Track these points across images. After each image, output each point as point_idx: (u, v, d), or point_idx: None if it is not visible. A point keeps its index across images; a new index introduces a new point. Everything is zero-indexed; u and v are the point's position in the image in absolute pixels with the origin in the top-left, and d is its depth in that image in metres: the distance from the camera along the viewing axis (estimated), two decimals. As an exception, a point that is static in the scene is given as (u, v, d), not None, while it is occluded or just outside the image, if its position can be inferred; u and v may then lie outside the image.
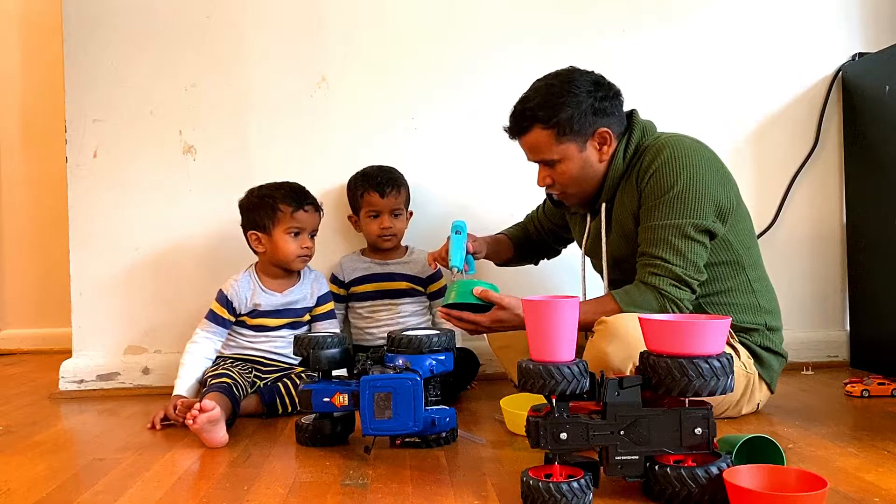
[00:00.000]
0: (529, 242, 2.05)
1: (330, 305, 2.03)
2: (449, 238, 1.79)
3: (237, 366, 1.87)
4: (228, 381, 1.74)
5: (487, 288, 1.61)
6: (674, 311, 1.54)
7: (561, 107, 1.61)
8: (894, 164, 2.08)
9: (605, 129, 1.64)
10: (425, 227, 2.21)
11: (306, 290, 1.98)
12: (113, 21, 2.18)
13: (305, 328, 2.01)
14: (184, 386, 1.83)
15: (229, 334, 1.94)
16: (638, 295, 1.56)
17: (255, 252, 1.96)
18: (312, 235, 1.96)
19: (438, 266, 2.09)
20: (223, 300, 1.91)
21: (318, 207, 1.97)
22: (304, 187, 1.96)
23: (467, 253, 1.78)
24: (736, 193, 1.66)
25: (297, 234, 1.91)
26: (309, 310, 1.99)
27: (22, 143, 3.07)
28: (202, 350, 1.89)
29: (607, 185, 1.69)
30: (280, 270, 1.96)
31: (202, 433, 1.51)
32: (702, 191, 1.57)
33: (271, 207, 1.90)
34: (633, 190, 1.65)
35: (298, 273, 2.00)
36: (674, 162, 1.58)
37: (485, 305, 1.61)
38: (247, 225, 1.95)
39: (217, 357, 1.92)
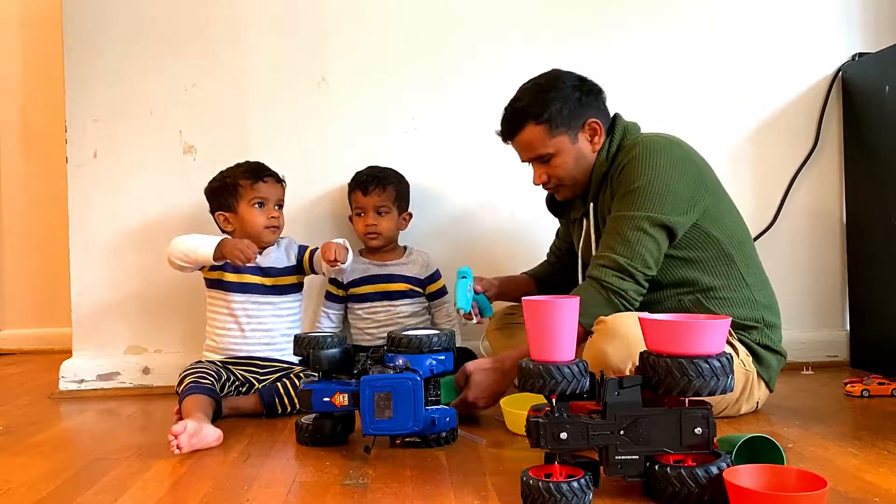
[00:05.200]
0: (554, 272, 2.01)
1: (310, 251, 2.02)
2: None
3: (217, 366, 1.86)
4: (196, 377, 1.75)
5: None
6: (619, 303, 1.54)
7: (550, 101, 1.66)
8: (894, 164, 2.08)
9: (595, 119, 1.68)
10: (425, 227, 2.21)
11: (282, 254, 2.00)
12: (113, 21, 2.18)
13: (296, 297, 2.00)
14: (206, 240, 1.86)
15: (216, 308, 1.95)
16: (582, 293, 1.56)
17: (226, 234, 1.97)
18: (279, 207, 1.98)
19: (436, 267, 2.11)
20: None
21: (278, 179, 2.00)
22: (262, 163, 1.99)
23: (476, 293, 1.81)
24: (713, 190, 1.65)
25: (261, 205, 1.94)
26: (291, 269, 1.99)
27: (22, 143, 3.07)
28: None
29: (592, 183, 1.71)
30: None
31: (195, 447, 1.49)
32: (663, 187, 1.57)
33: (232, 185, 1.95)
34: (611, 189, 1.67)
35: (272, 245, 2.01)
36: (640, 159, 1.61)
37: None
38: (214, 209, 1.99)
39: (208, 361, 1.90)
